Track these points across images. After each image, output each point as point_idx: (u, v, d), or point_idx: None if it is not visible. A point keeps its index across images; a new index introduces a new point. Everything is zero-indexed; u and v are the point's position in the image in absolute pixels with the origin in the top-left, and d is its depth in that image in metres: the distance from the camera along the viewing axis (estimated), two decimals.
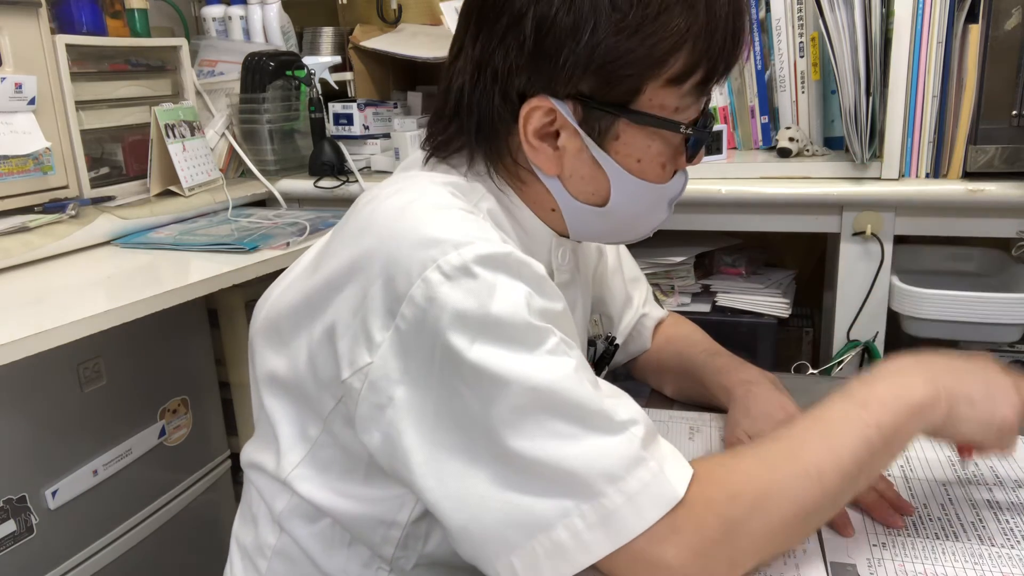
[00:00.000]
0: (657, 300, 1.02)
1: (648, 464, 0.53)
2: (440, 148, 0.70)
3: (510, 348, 0.53)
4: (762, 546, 0.55)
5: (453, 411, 0.54)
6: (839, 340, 1.26)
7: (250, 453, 0.74)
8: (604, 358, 0.90)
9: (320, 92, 1.57)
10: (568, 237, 0.74)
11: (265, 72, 1.57)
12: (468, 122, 0.66)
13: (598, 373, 0.89)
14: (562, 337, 0.55)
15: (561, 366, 0.54)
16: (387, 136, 1.64)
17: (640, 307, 0.97)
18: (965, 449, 0.65)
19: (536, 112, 0.63)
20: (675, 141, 0.66)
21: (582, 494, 0.52)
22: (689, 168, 0.70)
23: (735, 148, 1.43)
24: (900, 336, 1.24)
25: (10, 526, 1.07)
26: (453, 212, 0.59)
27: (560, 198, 0.68)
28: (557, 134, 0.64)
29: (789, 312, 1.35)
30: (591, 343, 0.90)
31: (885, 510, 0.65)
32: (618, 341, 0.94)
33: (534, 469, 0.52)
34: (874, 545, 0.62)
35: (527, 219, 0.70)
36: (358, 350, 0.57)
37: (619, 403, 0.56)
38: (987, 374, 0.62)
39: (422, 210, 0.59)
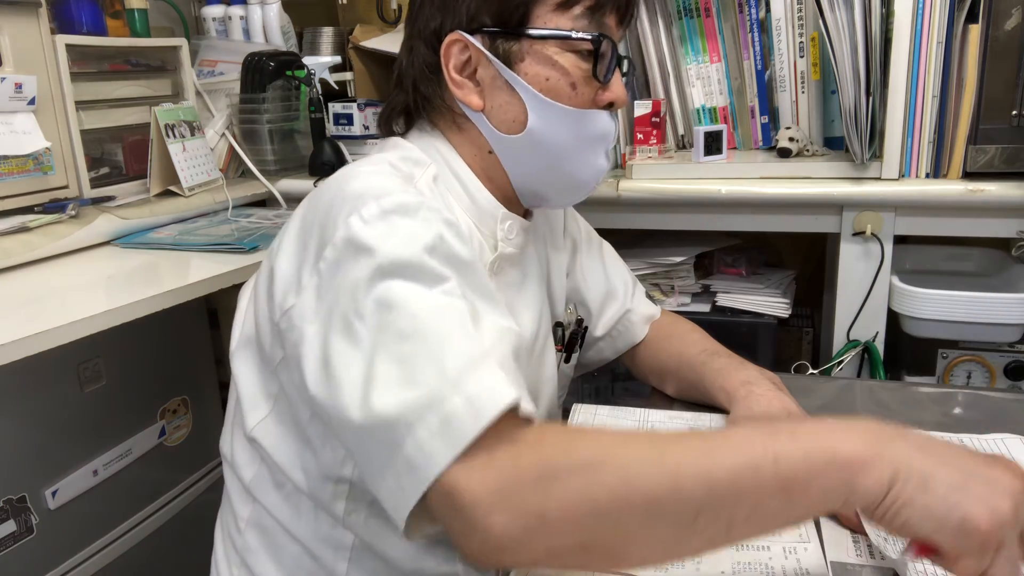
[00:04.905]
0: (653, 299, 1.02)
1: (482, 374, 0.53)
2: (387, 123, 0.80)
3: (409, 281, 0.57)
4: (581, 513, 0.49)
5: (347, 333, 0.57)
6: (839, 340, 1.27)
7: (224, 438, 0.77)
8: (574, 338, 0.94)
9: (320, 92, 1.57)
10: (515, 195, 0.80)
11: (265, 72, 1.57)
12: (407, 84, 0.78)
13: (569, 354, 0.94)
14: (460, 283, 0.59)
15: (451, 305, 0.57)
16: None
17: (626, 302, 0.98)
18: (921, 548, 0.49)
19: (453, 48, 0.74)
20: (580, 62, 0.73)
21: (428, 406, 0.51)
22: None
23: (735, 148, 1.43)
24: (900, 336, 1.24)
25: (10, 526, 1.07)
26: (383, 170, 0.67)
27: (489, 135, 0.76)
28: (477, 71, 0.74)
29: (789, 312, 1.35)
30: (559, 325, 0.93)
31: None
32: (600, 333, 0.98)
33: (393, 389, 0.53)
34: (875, 544, 0.61)
35: (472, 186, 0.78)
36: (289, 295, 0.63)
37: (491, 350, 0.56)
38: (979, 466, 0.49)
39: (358, 175, 0.66)
